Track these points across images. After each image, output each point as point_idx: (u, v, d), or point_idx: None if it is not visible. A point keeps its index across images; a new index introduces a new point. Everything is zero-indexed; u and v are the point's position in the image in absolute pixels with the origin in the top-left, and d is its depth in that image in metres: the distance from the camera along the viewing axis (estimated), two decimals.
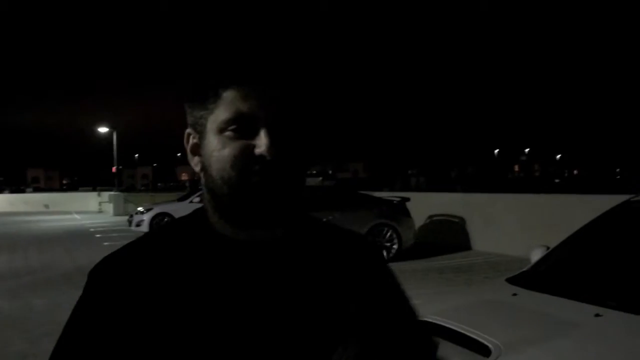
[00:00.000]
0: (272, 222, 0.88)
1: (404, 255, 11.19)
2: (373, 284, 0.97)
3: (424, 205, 14.03)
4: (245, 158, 0.83)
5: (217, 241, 0.89)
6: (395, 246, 11.30)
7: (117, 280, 0.86)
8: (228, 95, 0.85)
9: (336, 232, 1.01)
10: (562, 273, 3.21)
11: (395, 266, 2.47)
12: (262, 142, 0.83)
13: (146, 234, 0.96)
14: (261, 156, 0.82)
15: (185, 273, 0.86)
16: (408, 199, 12.26)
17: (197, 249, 0.88)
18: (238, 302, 0.85)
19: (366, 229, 10.91)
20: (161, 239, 0.92)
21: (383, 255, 1.05)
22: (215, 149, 0.86)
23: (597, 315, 2.37)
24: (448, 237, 13.38)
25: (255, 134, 0.84)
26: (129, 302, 0.84)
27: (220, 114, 0.85)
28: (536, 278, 3.12)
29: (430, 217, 14.12)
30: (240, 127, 0.84)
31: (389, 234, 11.40)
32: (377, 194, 14.18)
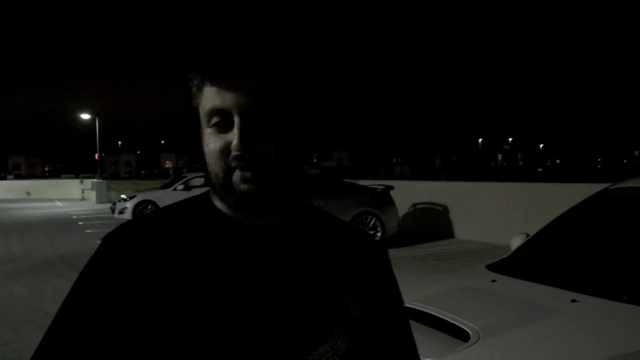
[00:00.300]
0: (261, 212, 0.90)
1: (387, 243, 11.27)
2: (374, 281, 0.98)
3: (408, 194, 14.11)
4: (224, 155, 0.86)
5: (221, 223, 0.91)
6: (378, 234, 11.37)
7: (129, 249, 0.88)
8: (207, 90, 0.87)
9: (345, 227, 1.03)
10: (540, 260, 3.27)
11: None
12: (234, 137, 0.84)
13: (158, 209, 0.98)
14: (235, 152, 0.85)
15: (190, 252, 0.88)
16: (392, 187, 12.33)
17: (202, 229, 0.91)
18: (233, 284, 0.86)
19: (350, 217, 10.97)
20: (171, 217, 0.93)
21: (388, 256, 1.05)
22: (205, 143, 0.89)
23: (573, 300, 2.42)
24: (431, 225, 13.48)
25: (231, 129, 0.85)
26: (136, 271, 0.86)
27: (203, 108, 0.88)
28: (515, 265, 3.17)
29: (414, 205, 14.20)
30: (220, 122, 0.86)
31: (372, 221, 11.47)
32: (362, 183, 14.23)
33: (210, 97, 0.86)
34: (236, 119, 0.85)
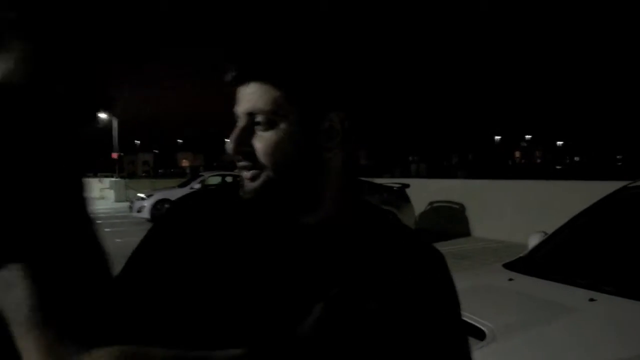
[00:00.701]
0: (277, 210, 0.92)
1: None
2: (420, 290, 0.93)
3: (424, 192, 14.06)
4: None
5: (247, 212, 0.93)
6: None
7: (184, 216, 0.94)
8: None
9: (398, 230, 0.99)
10: (558, 258, 3.24)
11: None
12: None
13: (204, 188, 1.04)
14: None
15: (216, 235, 0.91)
16: (408, 186, 12.29)
17: (232, 215, 0.94)
18: (251, 273, 0.88)
19: None
20: (214, 200, 0.98)
21: (446, 265, 0.99)
22: None
23: (591, 299, 2.40)
24: (448, 223, 13.43)
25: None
26: (184, 237, 0.91)
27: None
28: (533, 263, 3.15)
29: (431, 203, 14.15)
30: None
31: None
32: (378, 181, 14.22)
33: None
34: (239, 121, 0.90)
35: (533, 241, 3.45)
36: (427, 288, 0.94)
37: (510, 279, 2.87)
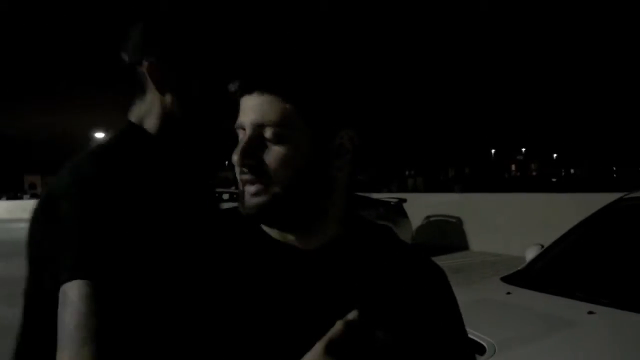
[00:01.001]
0: (281, 228, 0.89)
1: None
2: (426, 309, 0.90)
3: (421, 206, 14.06)
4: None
5: (261, 239, 0.91)
6: None
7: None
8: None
9: (399, 247, 0.96)
10: (556, 271, 3.24)
11: None
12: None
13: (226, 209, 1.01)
14: None
15: (234, 259, 0.90)
16: (405, 200, 12.30)
17: (245, 243, 0.91)
18: (261, 299, 0.85)
19: None
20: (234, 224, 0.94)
21: (447, 281, 0.96)
22: None
23: (590, 312, 2.40)
24: (445, 237, 13.41)
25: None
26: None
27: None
28: (530, 276, 3.15)
29: (427, 217, 14.15)
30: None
31: None
32: (375, 196, 14.22)
33: None
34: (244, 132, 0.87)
35: (530, 254, 3.45)
36: (434, 305, 0.91)
37: (509, 293, 2.87)
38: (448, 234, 13.41)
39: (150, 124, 1.11)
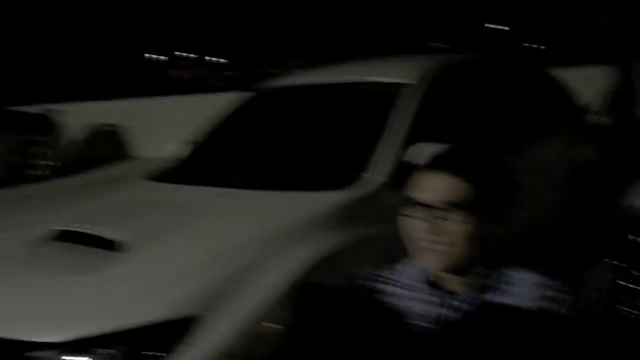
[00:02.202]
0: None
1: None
2: None
3: (79, 117, 13.14)
4: None
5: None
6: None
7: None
8: None
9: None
10: (200, 164, 3.39)
11: None
12: None
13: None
14: None
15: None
16: (56, 111, 11.22)
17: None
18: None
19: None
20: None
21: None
22: None
23: (220, 196, 2.58)
24: (109, 147, 12.88)
25: None
26: None
27: None
28: (176, 172, 3.23)
29: (91, 128, 13.32)
30: None
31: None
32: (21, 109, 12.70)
33: None
34: None
35: (176, 152, 3.53)
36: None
37: (152, 189, 2.90)
38: (112, 144, 12.88)
39: None
